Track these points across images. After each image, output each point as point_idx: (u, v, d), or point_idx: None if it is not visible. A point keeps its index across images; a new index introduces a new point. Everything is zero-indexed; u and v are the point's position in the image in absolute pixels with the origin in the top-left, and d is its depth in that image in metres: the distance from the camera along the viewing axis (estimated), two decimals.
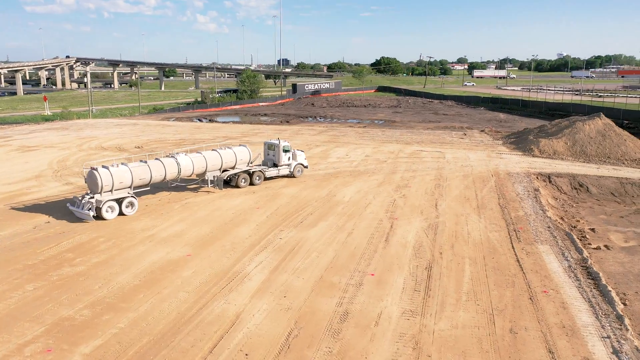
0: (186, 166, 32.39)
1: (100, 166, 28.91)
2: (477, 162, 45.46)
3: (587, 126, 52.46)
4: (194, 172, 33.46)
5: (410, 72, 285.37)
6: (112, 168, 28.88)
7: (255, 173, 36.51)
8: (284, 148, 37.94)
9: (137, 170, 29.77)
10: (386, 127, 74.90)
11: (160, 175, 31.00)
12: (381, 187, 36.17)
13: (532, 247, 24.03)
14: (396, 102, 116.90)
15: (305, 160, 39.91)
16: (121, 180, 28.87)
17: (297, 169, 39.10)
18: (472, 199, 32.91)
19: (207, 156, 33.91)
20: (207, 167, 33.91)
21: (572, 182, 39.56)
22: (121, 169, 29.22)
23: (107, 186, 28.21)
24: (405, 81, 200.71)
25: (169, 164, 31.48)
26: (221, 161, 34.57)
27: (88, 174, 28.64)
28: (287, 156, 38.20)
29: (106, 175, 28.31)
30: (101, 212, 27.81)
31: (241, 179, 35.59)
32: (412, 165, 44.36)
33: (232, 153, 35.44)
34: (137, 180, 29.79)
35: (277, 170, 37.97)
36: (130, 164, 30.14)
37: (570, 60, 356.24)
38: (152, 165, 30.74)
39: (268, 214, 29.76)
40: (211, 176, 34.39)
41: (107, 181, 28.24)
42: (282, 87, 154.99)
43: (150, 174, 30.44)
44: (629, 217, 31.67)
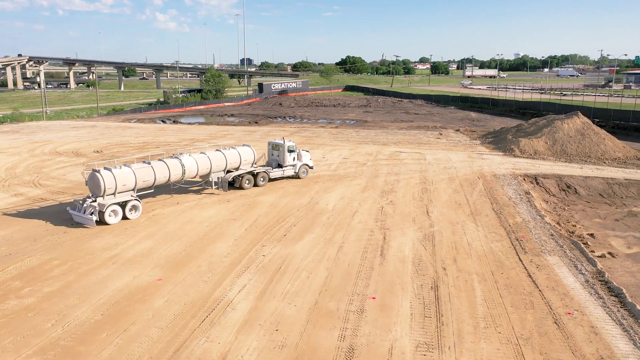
0: (190, 167, 31.14)
1: (102, 168, 27.62)
2: (460, 164, 43.68)
3: (566, 125, 51.60)
4: (198, 173, 32.21)
5: (374, 71, 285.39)
6: (115, 170, 27.55)
7: (260, 174, 35.22)
8: (289, 148, 36.69)
9: (140, 172, 28.46)
10: (359, 127, 72.78)
11: (164, 177, 29.73)
12: (366, 193, 33.74)
13: (541, 259, 22.03)
14: (365, 101, 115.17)
15: (311, 161, 38.65)
16: (124, 183, 27.54)
17: (302, 170, 37.83)
18: (464, 205, 30.88)
19: (211, 157, 32.71)
20: (212, 168, 32.68)
21: (559, 183, 38.23)
22: (124, 171, 27.87)
23: (109, 189, 26.87)
24: (372, 80, 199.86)
25: (173, 165, 30.21)
26: (225, 162, 33.38)
27: (89, 175, 27.31)
28: (292, 156, 37.00)
29: (109, 177, 26.92)
30: (104, 216, 26.49)
31: (245, 180, 34.36)
32: (394, 167, 42.16)
33: (237, 153, 34.17)
34: (141, 183, 28.49)
35: (282, 171, 36.73)
36: (133, 166, 28.73)
37: (528, 60, 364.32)
38: (155, 166, 29.41)
39: (246, 226, 26.84)
40: (215, 177, 33.23)
41: (110, 183, 26.85)
42: (247, 86, 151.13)
43: (154, 175, 29.11)
44: (624, 221, 30.31)
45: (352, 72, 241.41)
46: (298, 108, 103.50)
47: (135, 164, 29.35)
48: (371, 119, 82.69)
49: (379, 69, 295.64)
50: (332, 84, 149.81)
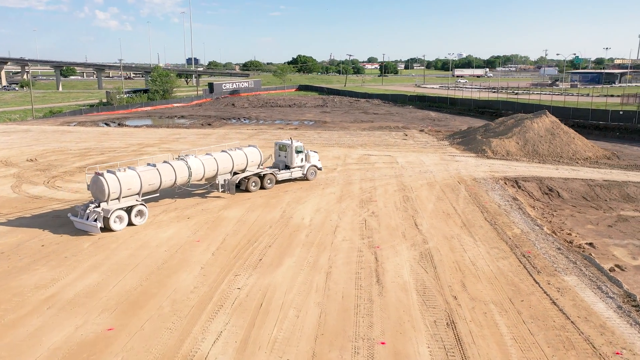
0: (197, 169, 29.72)
1: (106, 171, 25.99)
2: (435, 167, 41.16)
3: (535, 124, 50.30)
4: (204, 175, 30.59)
5: (325, 71, 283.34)
6: (119, 173, 26.03)
7: (267, 176, 33.77)
8: (297, 149, 35.28)
9: (146, 175, 27.10)
10: (319, 128, 69.48)
11: (170, 180, 28.39)
12: (343, 203, 30.38)
13: (558, 280, 19.37)
14: (321, 101, 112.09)
15: (319, 162, 37.12)
16: (129, 187, 26.13)
17: (311, 172, 36.30)
18: (453, 215, 28.09)
19: (217, 158, 31.23)
20: (218, 169, 31.17)
21: (540, 186, 36.34)
22: (129, 174, 26.40)
23: (114, 193, 25.41)
24: (324, 80, 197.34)
25: (179, 168, 28.82)
26: (232, 163, 31.93)
27: (92, 179, 25.72)
28: (299, 157, 35.55)
29: (113, 181, 25.44)
30: (109, 222, 24.94)
31: (252, 182, 32.91)
32: (367, 173, 39.06)
33: (243, 154, 32.68)
34: (146, 186, 27.09)
35: (290, 173, 35.25)
36: (138, 168, 27.27)
37: (473, 60, 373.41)
38: (161, 169, 28.01)
39: (213, 249, 22.83)
40: (222, 180, 31.74)
41: (115, 187, 25.39)
42: (197, 86, 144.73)
43: (160, 178, 27.72)
44: (617, 226, 28.50)
45: (303, 71, 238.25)
46: (252, 109, 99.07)
47: (140, 166, 27.77)
48: (330, 120, 79.62)
49: (329, 69, 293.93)
50: (285, 83, 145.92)
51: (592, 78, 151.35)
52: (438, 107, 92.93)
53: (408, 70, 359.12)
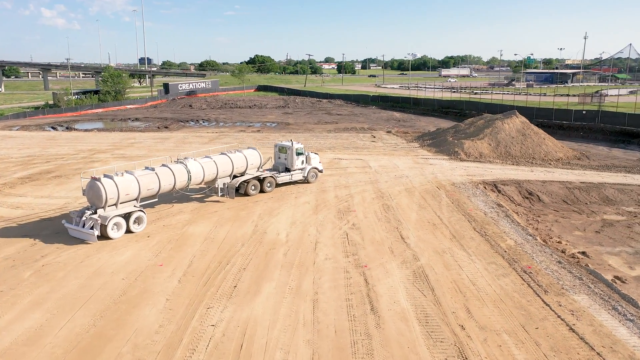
0: (197, 173, 28.63)
1: (103, 175, 24.82)
2: (410, 171, 39.34)
3: (506, 125, 49.43)
4: (204, 179, 29.58)
5: (282, 71, 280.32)
6: (117, 177, 24.81)
7: (267, 179, 32.84)
8: (297, 151, 34.34)
9: (144, 179, 25.87)
10: (283, 130, 66.79)
11: (169, 184, 27.18)
12: (320, 215, 27.95)
13: (569, 301, 17.60)
14: (283, 102, 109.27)
15: (320, 164, 36.20)
16: (127, 192, 24.96)
17: (312, 174, 35.39)
18: (439, 225, 26.14)
19: (217, 161, 30.19)
20: (218, 173, 30.14)
21: (520, 190, 35.10)
22: (127, 178, 25.16)
23: (112, 199, 24.30)
24: (284, 80, 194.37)
25: (179, 171, 27.61)
26: (232, 166, 30.92)
27: (88, 184, 24.58)
28: (300, 160, 34.59)
29: (110, 185, 24.28)
30: (106, 230, 23.74)
31: (251, 186, 31.87)
32: (340, 179, 36.78)
33: (243, 157, 31.72)
34: (145, 191, 25.95)
35: (290, 176, 34.36)
36: (136, 172, 26.01)
37: (428, 60, 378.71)
38: (160, 173, 26.77)
39: (179, 275, 19.92)
40: (221, 183, 30.70)
41: (112, 193, 24.27)
42: (151, 87, 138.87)
43: (159, 183, 26.54)
44: (605, 232, 27.37)
45: (261, 71, 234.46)
46: (211, 110, 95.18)
47: (138, 170, 26.51)
48: (293, 121, 77.06)
49: (286, 69, 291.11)
50: (244, 83, 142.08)
51: (546, 78, 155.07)
52: (401, 108, 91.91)
53: (365, 71, 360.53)
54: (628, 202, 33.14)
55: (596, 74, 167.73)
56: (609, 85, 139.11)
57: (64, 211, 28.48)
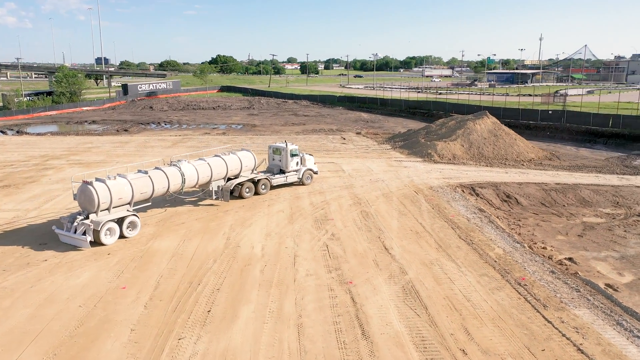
0: (191, 176, 28.01)
1: (94, 179, 23.92)
2: (385, 175, 38.09)
3: (478, 126, 48.96)
4: (198, 182, 28.90)
5: (245, 71, 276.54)
6: (109, 181, 24.04)
7: (261, 181, 32.28)
8: (292, 152, 33.86)
9: (137, 183, 25.11)
10: (249, 132, 64.64)
11: (162, 188, 26.47)
12: (296, 224, 26.22)
13: (570, 316, 16.52)
14: (247, 102, 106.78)
15: (315, 166, 35.72)
16: (120, 196, 24.23)
17: (307, 176, 34.81)
18: (422, 233, 24.86)
19: (211, 163, 29.50)
20: (212, 175, 29.50)
21: (497, 193, 34.39)
22: (120, 182, 24.42)
23: (104, 203, 23.57)
24: (247, 80, 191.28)
25: (172, 174, 26.92)
26: (226, 168, 30.30)
27: (80, 189, 23.75)
28: (295, 161, 34.11)
29: (103, 190, 23.53)
30: (99, 236, 22.94)
31: (245, 188, 31.33)
32: (313, 184, 35.13)
33: (237, 159, 31.12)
34: (138, 195, 25.17)
35: (285, 178, 33.82)
36: (129, 176, 25.22)
37: (390, 60, 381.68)
38: (153, 176, 26.03)
39: (145, 299, 17.82)
40: (215, 186, 30.15)
41: (105, 197, 23.52)
42: (109, 87, 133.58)
43: (153, 186, 25.82)
44: (587, 236, 26.79)
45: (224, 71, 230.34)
46: (173, 112, 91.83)
47: (131, 173, 25.70)
48: (259, 123, 74.97)
49: (249, 69, 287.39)
50: (207, 84, 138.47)
51: (507, 78, 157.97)
52: (369, 108, 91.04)
53: (329, 71, 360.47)
54: (604, 203, 32.83)
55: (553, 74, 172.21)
56: (566, 85, 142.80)
57: (12, 227, 25.77)
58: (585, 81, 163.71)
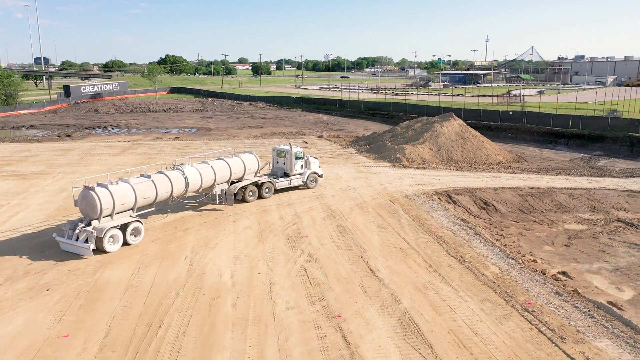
0: (194, 179, 27.43)
1: (96, 184, 23.03)
2: (355, 182, 35.83)
3: (445, 128, 47.58)
4: (202, 186, 28.22)
5: (195, 72, 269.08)
6: (112, 186, 23.21)
7: (265, 184, 31.55)
8: (296, 155, 33.23)
9: (140, 188, 24.41)
10: (204, 137, 60.96)
11: (166, 192, 25.81)
12: (267, 243, 23.43)
13: (594, 350, 14.63)
14: (200, 105, 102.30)
15: (320, 169, 34.88)
16: (123, 201, 23.50)
17: (311, 179, 34.07)
18: (408, 250, 22.64)
19: (215, 167, 28.82)
20: (216, 179, 28.80)
21: (474, 199, 32.82)
22: (122, 187, 23.64)
23: (107, 209, 22.71)
24: (198, 81, 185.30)
25: (176, 178, 26.28)
26: (230, 172, 29.62)
27: (81, 194, 22.86)
28: (299, 164, 33.44)
29: (105, 195, 22.67)
30: (102, 243, 22.05)
31: (249, 192, 30.63)
32: (281, 194, 32.41)
33: (240, 162, 30.40)
34: (141, 200, 24.51)
35: (289, 181, 33.09)
36: (131, 180, 24.47)
37: (342, 61, 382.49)
38: (157, 180, 25.35)
39: (94, 350, 14.58)
40: (219, 190, 29.32)
41: (107, 203, 22.69)
42: (49, 89, 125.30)
43: (156, 191, 25.15)
44: (574, 245, 25.52)
45: (173, 72, 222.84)
46: (120, 115, 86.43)
47: (133, 178, 24.93)
48: (214, 126, 71.30)
49: (199, 69, 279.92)
50: (156, 85, 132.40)
51: (460, 79, 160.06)
52: (327, 110, 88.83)
53: (281, 71, 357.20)
54: (581, 208, 31.86)
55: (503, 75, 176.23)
56: (516, 86, 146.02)
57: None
58: (533, 81, 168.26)
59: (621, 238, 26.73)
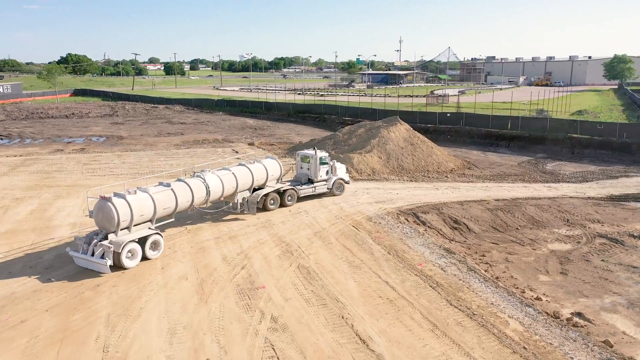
0: (215, 187, 25.18)
1: (113, 194, 20.92)
2: (305, 203, 30.55)
3: (392, 134, 43.54)
4: (223, 194, 25.93)
5: (102, 72, 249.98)
6: (130, 196, 21.11)
7: (287, 192, 29.80)
8: (322, 160, 31.53)
9: (160, 197, 22.30)
10: (116, 147, 52.68)
11: (186, 202, 23.60)
12: (211, 304, 17.42)
13: None
14: (109, 109, 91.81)
15: (347, 175, 33.27)
16: (142, 212, 21.42)
17: (337, 185, 32.33)
18: (398, 301, 17.67)
19: (237, 173, 26.72)
20: (238, 186, 26.68)
21: (443, 218, 28.89)
22: (141, 197, 21.55)
23: (124, 222, 20.70)
24: (106, 82, 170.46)
25: (196, 186, 24.12)
26: (252, 178, 27.62)
27: (97, 205, 20.88)
28: (324, 170, 31.69)
29: (123, 206, 20.64)
30: (120, 258, 20.15)
31: (270, 199, 28.75)
32: (219, 224, 26.35)
33: (263, 168, 28.57)
34: (161, 210, 22.39)
35: (313, 188, 31.37)
36: (150, 189, 22.28)
37: (259, 61, 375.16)
38: (176, 189, 23.18)
39: None
40: (240, 198, 27.24)
41: (125, 215, 20.66)
42: None
43: (176, 200, 22.95)
44: (571, 273, 22.66)
45: (77, 72, 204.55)
46: (13, 122, 74.63)
47: (152, 187, 22.73)
48: (127, 134, 62.81)
49: (106, 69, 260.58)
50: (56, 87, 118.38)
51: (382, 79, 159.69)
52: (253, 113, 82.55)
53: (195, 72, 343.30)
54: (555, 222, 29.05)
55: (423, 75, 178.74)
56: (437, 86, 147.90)
57: None
58: (450, 81, 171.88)
59: (614, 259, 23.91)
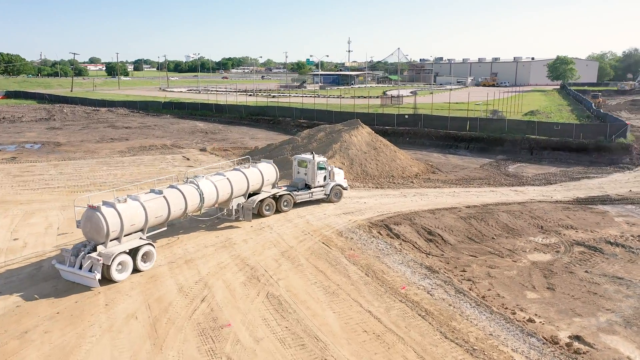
0: (210, 193, 24.46)
1: (102, 202, 19.91)
2: (269, 218, 27.92)
3: (354, 138, 41.56)
4: (218, 200, 25.16)
5: (38, 73, 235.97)
6: (119, 205, 20.13)
7: (284, 197, 28.59)
8: (319, 165, 30.38)
9: (151, 205, 21.33)
10: (53, 155, 48.00)
11: (179, 209, 22.78)
12: (167, 349, 14.58)
13: None
14: (45, 112, 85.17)
15: (345, 181, 32.21)
16: (133, 222, 20.47)
17: (335, 192, 31.18)
18: (387, 336, 15.42)
19: (231, 178, 25.86)
20: (233, 192, 25.77)
21: (417, 229, 27.18)
22: (131, 205, 20.60)
23: (114, 232, 19.73)
24: (42, 84, 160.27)
25: (189, 193, 23.27)
26: (247, 184, 26.70)
27: (85, 215, 19.86)
28: (322, 175, 30.57)
29: (113, 216, 19.65)
30: (110, 271, 19.16)
31: (265, 205, 27.67)
32: (172, 243, 23.28)
33: (258, 172, 27.66)
34: (153, 219, 21.43)
35: (310, 194, 30.13)
36: (141, 197, 21.32)
37: (206, 61, 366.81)
38: (169, 196, 22.26)
39: None
40: (235, 204, 26.35)
41: (115, 225, 19.68)
42: None
43: (169, 208, 22.00)
44: (558, 288, 21.58)
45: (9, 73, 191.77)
46: None
47: (143, 194, 21.78)
48: (65, 140, 57.79)
49: (42, 70, 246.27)
50: None
51: (333, 80, 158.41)
52: (203, 116, 78.63)
53: (140, 72, 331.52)
54: (529, 229, 28.04)
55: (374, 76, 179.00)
56: (389, 87, 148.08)
57: None
58: (401, 82, 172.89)
59: (597, 270, 22.93)
